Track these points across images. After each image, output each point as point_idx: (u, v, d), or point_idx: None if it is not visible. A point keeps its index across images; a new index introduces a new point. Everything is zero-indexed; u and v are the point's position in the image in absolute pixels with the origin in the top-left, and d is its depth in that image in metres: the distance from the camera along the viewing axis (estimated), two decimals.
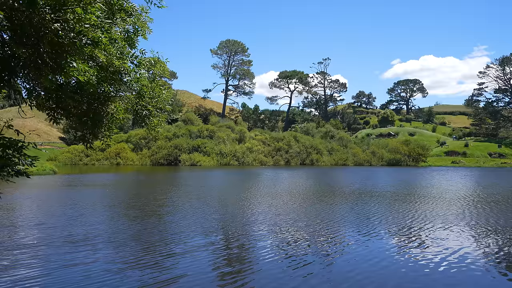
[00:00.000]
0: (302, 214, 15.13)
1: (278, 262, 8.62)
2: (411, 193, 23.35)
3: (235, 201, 18.65)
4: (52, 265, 8.30)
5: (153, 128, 8.50)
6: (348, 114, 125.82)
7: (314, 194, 22.11)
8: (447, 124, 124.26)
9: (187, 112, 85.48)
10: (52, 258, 8.82)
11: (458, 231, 12.19)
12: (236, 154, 60.46)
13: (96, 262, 8.50)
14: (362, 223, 13.28)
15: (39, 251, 9.41)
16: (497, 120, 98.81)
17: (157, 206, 16.85)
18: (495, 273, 8.15)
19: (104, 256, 8.97)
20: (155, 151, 57.74)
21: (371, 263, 8.67)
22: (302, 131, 78.93)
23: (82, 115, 7.37)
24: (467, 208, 17.16)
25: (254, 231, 11.75)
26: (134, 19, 7.53)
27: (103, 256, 8.94)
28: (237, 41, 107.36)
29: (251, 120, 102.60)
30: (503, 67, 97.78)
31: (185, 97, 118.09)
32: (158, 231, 11.70)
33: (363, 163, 66.21)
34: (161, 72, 8.51)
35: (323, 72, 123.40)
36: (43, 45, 5.17)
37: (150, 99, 8.11)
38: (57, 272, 7.81)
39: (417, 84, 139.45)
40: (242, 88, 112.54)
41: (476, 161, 72.77)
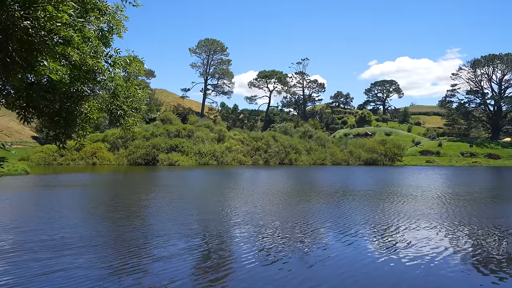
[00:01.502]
0: (283, 214, 15.22)
1: (258, 262, 8.65)
2: (390, 192, 23.83)
3: (215, 202, 18.59)
4: (31, 272, 7.84)
5: (128, 128, 8.37)
6: (326, 114, 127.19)
7: (294, 194, 22.28)
8: (421, 124, 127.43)
9: (165, 112, 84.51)
10: (30, 264, 8.35)
11: (437, 229, 12.51)
12: (215, 153, 60.20)
13: (78, 268, 8.08)
14: (342, 223, 13.45)
15: (15, 257, 8.88)
16: (468, 120, 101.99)
17: (137, 207, 16.62)
18: (473, 270, 8.42)
19: (86, 261, 8.58)
20: (133, 151, 56.86)
21: (352, 262, 8.79)
22: (281, 130, 79.29)
23: (54, 115, 7.20)
24: (446, 206, 17.63)
25: (235, 232, 11.74)
26: (109, 17, 7.40)
27: (85, 262, 8.53)
28: (216, 40, 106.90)
29: (230, 120, 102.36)
30: (474, 69, 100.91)
31: (163, 96, 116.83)
32: (140, 233, 11.46)
33: (340, 163, 67.08)
34: (136, 71, 8.39)
35: (302, 72, 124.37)
36: (12, 43, 5.03)
37: (125, 98, 7.99)
38: (36, 279, 7.39)
39: (393, 85, 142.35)
40: (221, 88, 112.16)
41: (449, 160, 74.88)
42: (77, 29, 5.97)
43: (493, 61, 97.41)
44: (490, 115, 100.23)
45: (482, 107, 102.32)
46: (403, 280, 7.65)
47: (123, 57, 8.04)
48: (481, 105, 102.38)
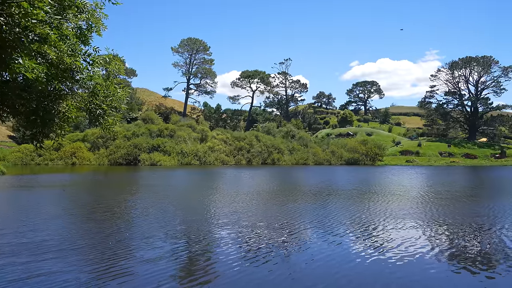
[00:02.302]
0: (269, 214, 15.24)
1: (248, 264, 8.63)
2: (374, 191, 24.15)
3: (200, 202, 18.49)
4: (10, 276, 7.48)
5: (108, 128, 8.25)
6: (308, 114, 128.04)
7: (279, 194, 22.35)
8: (402, 124, 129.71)
9: (147, 111, 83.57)
10: (9, 268, 7.97)
11: (423, 228, 12.71)
12: (197, 153, 59.86)
13: (60, 272, 7.76)
14: (329, 222, 13.51)
15: None
16: (447, 121, 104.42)
17: (120, 208, 16.35)
18: (459, 269, 8.61)
19: (69, 265, 8.24)
20: (113, 151, 56.00)
21: (342, 262, 8.82)
22: (263, 130, 79.47)
23: (31, 114, 7.04)
24: (429, 205, 17.94)
25: (221, 233, 11.64)
26: (87, 15, 7.27)
27: (68, 265, 8.19)
28: (199, 39, 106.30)
29: (213, 120, 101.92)
30: (452, 71, 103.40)
31: (145, 96, 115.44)
32: (124, 235, 11.18)
33: (323, 162, 67.66)
34: (116, 70, 8.28)
35: (285, 72, 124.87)
36: None
37: (105, 97, 7.86)
38: (16, 285, 7.08)
39: (374, 86, 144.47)
40: (204, 87, 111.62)
41: (428, 160, 76.52)
42: (53, 26, 5.85)
43: (470, 63, 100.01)
44: (467, 115, 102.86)
45: (460, 108, 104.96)
46: (392, 279, 7.74)
47: (103, 55, 7.93)
48: (458, 106, 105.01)
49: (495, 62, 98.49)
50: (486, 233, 12.04)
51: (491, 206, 17.66)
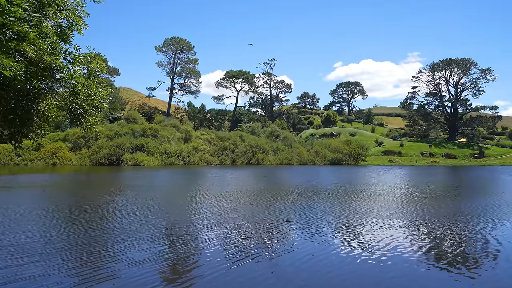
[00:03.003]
0: (256, 215, 15.26)
1: (236, 266, 8.62)
2: (360, 191, 24.47)
3: (185, 203, 18.38)
4: None
5: (89, 128, 8.11)
6: (293, 114, 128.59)
7: (265, 194, 22.39)
8: (384, 125, 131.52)
9: (130, 111, 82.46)
10: None
11: (405, 227, 12.95)
12: (181, 153, 59.45)
13: (43, 276, 7.54)
14: (316, 223, 13.59)
15: None
16: (428, 122, 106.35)
17: (103, 209, 16.13)
18: (437, 267, 8.80)
19: (52, 268, 8.01)
20: (96, 151, 55.11)
21: (321, 262, 8.90)
22: (248, 130, 79.42)
23: (8, 113, 6.87)
24: (414, 204, 18.28)
25: (208, 234, 11.58)
26: (68, 13, 7.15)
27: (51, 269, 7.97)
28: (183, 39, 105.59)
29: (197, 120, 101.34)
30: (433, 73, 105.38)
31: (128, 95, 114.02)
32: (108, 237, 11.00)
33: (307, 163, 68.07)
34: (98, 69, 8.16)
35: (269, 72, 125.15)
36: None
37: (86, 97, 7.73)
38: None
39: (358, 87, 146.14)
40: (188, 87, 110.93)
41: (410, 160, 77.83)
42: (32, 24, 5.73)
43: (450, 65, 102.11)
44: (448, 116, 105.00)
45: (440, 109, 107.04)
46: (383, 279, 7.84)
47: (84, 54, 7.81)
48: (439, 107, 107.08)
49: (473, 64, 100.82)
50: (470, 232, 12.34)
51: (473, 205, 18.11)
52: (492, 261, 9.06)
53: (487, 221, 14.01)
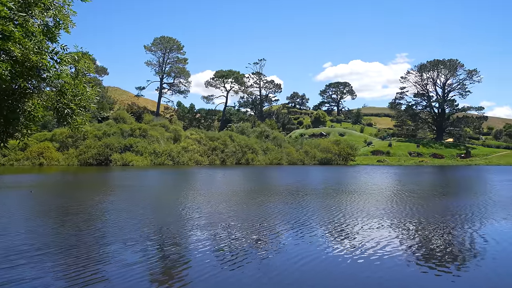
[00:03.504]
0: (242, 214, 15.25)
1: (217, 265, 8.61)
2: (350, 190, 24.58)
3: (175, 204, 18.29)
4: None
5: (77, 128, 8.05)
6: (282, 114, 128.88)
7: (256, 194, 22.41)
8: (373, 125, 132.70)
9: (119, 110, 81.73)
10: None
11: (395, 226, 13.05)
12: (171, 153, 59.11)
13: (31, 279, 7.36)
14: (307, 223, 13.62)
15: None
16: (416, 122, 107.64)
17: (92, 210, 15.92)
18: (425, 267, 8.91)
19: (40, 271, 7.80)
20: (84, 151, 54.47)
21: (305, 262, 8.91)
22: (237, 130, 79.36)
23: None
24: (404, 204, 18.43)
25: (199, 236, 11.45)
26: (54, 12, 7.08)
27: (39, 271, 7.76)
28: (172, 38, 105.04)
29: (186, 119, 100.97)
30: (421, 74, 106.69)
31: (117, 94, 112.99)
32: (97, 239, 10.79)
33: (296, 162, 68.28)
34: (85, 68, 8.10)
35: (259, 72, 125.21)
36: None
37: (73, 97, 7.67)
38: None
39: (347, 87, 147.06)
40: (178, 87, 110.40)
41: (398, 160, 78.66)
42: (18, 23, 5.66)
43: (438, 66, 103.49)
44: (435, 117, 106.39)
45: (428, 109, 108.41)
46: (373, 279, 7.91)
47: (71, 53, 7.73)
48: (427, 108, 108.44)
49: (460, 65, 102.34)
50: (457, 230, 12.53)
51: (460, 204, 18.39)
52: (479, 260, 9.21)
53: (474, 220, 14.24)
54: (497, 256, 9.53)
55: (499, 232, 12.36)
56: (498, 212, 16.28)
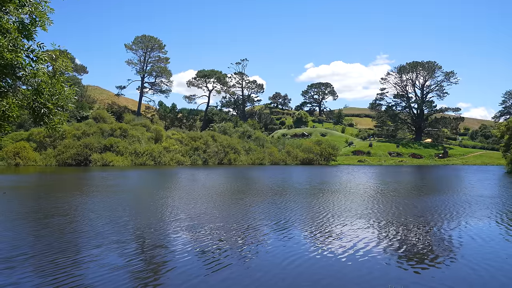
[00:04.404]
0: (226, 215, 15.19)
1: (200, 267, 8.54)
2: (331, 190, 24.77)
3: (155, 205, 18.07)
4: None
5: (54, 128, 7.85)
6: (265, 114, 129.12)
7: (236, 194, 22.34)
8: (354, 125, 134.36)
9: (99, 109, 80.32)
10: None
11: (374, 225, 13.25)
12: (152, 153, 58.44)
13: (7, 286, 7.13)
14: (283, 222, 13.68)
15: None
16: (395, 122, 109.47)
17: (71, 212, 15.55)
18: (402, 263, 9.05)
19: (18, 277, 7.56)
20: (62, 151, 53.31)
21: (289, 261, 8.93)
22: (220, 130, 79.09)
23: None
24: (390, 202, 18.72)
25: (177, 237, 11.40)
26: (30, 8, 6.88)
27: (15, 278, 7.51)
28: (154, 37, 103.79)
29: (168, 119, 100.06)
30: (400, 75, 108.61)
31: (96, 93, 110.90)
32: (77, 242, 10.55)
33: (278, 162, 68.52)
34: (63, 67, 7.91)
35: (241, 72, 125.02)
36: None
37: (50, 96, 7.47)
38: None
39: (329, 88, 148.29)
40: (159, 86, 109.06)
41: (379, 159, 79.81)
42: None
43: (417, 68, 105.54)
44: (414, 117, 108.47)
45: (407, 110, 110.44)
46: (356, 277, 7.98)
47: (48, 51, 7.55)
48: (406, 108, 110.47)
49: (438, 67, 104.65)
50: (436, 228, 12.78)
51: (439, 203, 18.80)
52: (458, 256, 9.44)
53: (452, 218, 14.58)
54: (473, 252, 9.79)
55: (476, 229, 12.69)
56: (475, 210, 16.72)
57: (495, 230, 12.77)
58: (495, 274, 8.21)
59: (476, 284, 7.60)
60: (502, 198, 21.15)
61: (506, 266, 8.80)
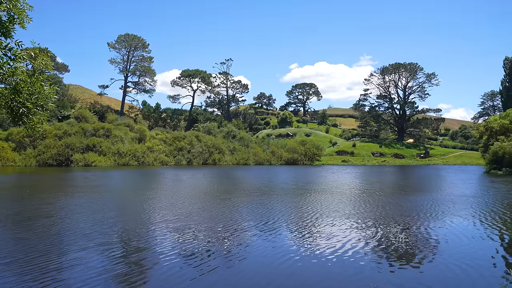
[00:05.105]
0: (210, 216, 15.12)
1: (184, 269, 8.47)
2: (316, 190, 24.91)
3: (138, 206, 17.85)
4: None
5: (33, 128, 7.68)
6: (249, 114, 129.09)
7: (221, 195, 22.26)
8: (338, 126, 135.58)
9: (81, 109, 78.97)
10: None
11: (365, 226, 13.36)
12: (135, 153, 57.77)
13: None
14: (269, 223, 13.67)
15: None
16: (378, 123, 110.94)
17: (52, 213, 15.23)
18: (384, 262, 9.16)
19: (1, 282, 7.32)
20: (42, 151, 52.19)
21: (280, 262, 8.95)
22: (204, 130, 78.73)
23: None
24: (364, 202, 18.90)
25: (160, 239, 11.26)
26: (8, 5, 6.71)
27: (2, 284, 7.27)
28: (137, 36, 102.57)
29: (152, 119, 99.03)
30: (383, 76, 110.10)
31: (78, 93, 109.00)
32: (57, 244, 10.34)
33: (263, 163, 68.62)
34: (43, 66, 7.74)
35: (226, 72, 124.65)
36: None
37: (29, 95, 7.30)
38: None
39: (313, 88, 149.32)
40: (143, 86, 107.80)
41: (362, 159, 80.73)
42: None
43: (399, 69, 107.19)
44: (397, 118, 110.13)
45: (390, 110, 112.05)
46: (343, 277, 8.03)
47: (28, 49, 7.38)
48: (389, 109, 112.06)
49: (420, 69, 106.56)
50: (418, 227, 12.99)
51: (426, 202, 19.17)
52: (439, 255, 9.63)
53: (437, 216, 14.88)
54: (459, 250, 10.01)
55: (461, 228, 12.98)
56: (460, 209, 17.07)
57: (480, 228, 13.05)
58: (483, 272, 8.39)
59: (463, 282, 7.75)
60: (484, 198, 21.58)
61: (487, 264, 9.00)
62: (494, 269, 8.64)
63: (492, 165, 47.40)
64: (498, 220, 14.47)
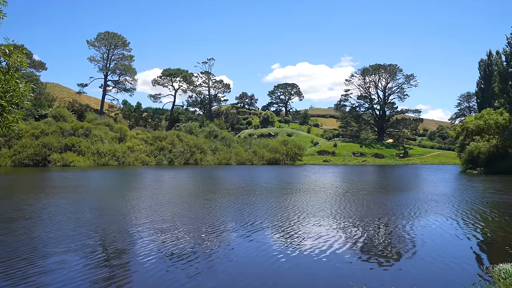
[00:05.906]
0: (195, 216, 14.96)
1: (171, 271, 8.33)
2: (298, 189, 24.99)
3: (119, 207, 17.52)
4: None
5: (8, 126, 7.41)
6: (231, 114, 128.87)
7: (204, 195, 22.09)
8: (320, 126, 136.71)
9: (59, 108, 77.15)
10: None
11: (344, 224, 13.44)
12: (115, 153, 56.85)
13: None
14: (253, 222, 13.60)
15: None
16: (359, 123, 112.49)
17: (28, 216, 14.77)
18: (366, 261, 9.22)
19: None
20: (18, 150, 50.80)
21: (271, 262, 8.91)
22: (186, 130, 78.13)
23: None
24: (350, 202, 18.99)
25: (143, 242, 11.00)
26: None
27: None
28: (117, 34, 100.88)
29: (132, 118, 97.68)
30: (364, 77, 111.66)
31: (56, 91, 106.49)
32: (33, 246, 10.06)
33: (245, 162, 68.58)
34: (18, 63, 7.48)
35: (208, 72, 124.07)
36: None
37: (4, 93, 7.05)
38: None
39: (295, 88, 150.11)
40: (123, 84, 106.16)
41: (343, 159, 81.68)
42: None
43: (379, 70, 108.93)
44: (377, 118, 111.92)
45: (370, 111, 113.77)
46: (319, 278, 8.03)
47: (2, 45, 7.11)
48: (369, 109, 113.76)
49: (399, 70, 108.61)
50: (397, 225, 13.16)
51: (409, 201, 19.43)
52: (418, 252, 9.77)
53: (413, 215, 15.11)
54: (433, 248, 10.16)
55: (440, 225, 13.22)
56: (438, 208, 17.38)
57: (463, 226, 13.29)
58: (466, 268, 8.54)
59: (442, 279, 7.86)
60: (464, 196, 22.01)
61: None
62: (476, 263, 8.83)
63: (467, 165, 48.59)
64: (479, 218, 14.79)
